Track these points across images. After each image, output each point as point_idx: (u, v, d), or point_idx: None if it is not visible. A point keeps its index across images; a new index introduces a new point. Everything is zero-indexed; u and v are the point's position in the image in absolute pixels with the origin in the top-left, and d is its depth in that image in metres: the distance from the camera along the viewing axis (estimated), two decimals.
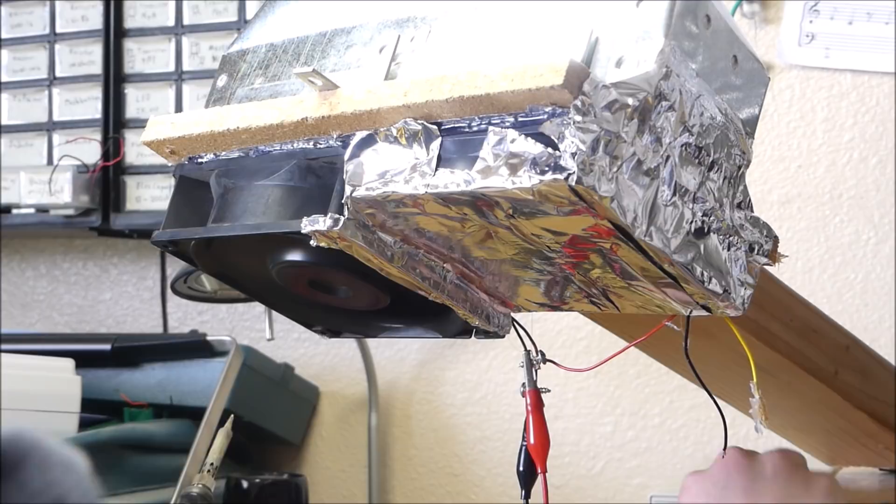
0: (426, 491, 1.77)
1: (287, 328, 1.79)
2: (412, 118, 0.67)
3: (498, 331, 0.80)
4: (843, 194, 1.59)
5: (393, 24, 0.73)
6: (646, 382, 1.68)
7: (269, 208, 0.74)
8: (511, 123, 0.64)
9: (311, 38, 0.77)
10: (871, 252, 1.58)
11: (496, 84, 0.64)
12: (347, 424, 1.83)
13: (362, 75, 0.72)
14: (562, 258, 0.70)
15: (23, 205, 1.74)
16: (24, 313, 1.98)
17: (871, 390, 1.01)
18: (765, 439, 1.44)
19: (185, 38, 1.74)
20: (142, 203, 1.74)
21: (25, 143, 1.81)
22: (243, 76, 0.80)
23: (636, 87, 0.63)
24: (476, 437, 1.77)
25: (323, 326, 0.86)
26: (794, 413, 1.06)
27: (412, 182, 0.66)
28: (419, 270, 0.73)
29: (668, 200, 0.66)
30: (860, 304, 1.58)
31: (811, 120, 1.60)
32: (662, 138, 0.66)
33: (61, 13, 1.80)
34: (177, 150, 0.78)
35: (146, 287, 1.91)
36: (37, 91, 1.81)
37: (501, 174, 0.63)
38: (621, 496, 1.68)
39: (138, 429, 1.44)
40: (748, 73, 0.72)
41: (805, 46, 1.56)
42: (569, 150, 0.61)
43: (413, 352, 1.81)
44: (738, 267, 0.72)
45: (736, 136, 0.71)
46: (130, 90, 1.76)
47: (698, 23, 0.67)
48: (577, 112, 0.61)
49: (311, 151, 0.72)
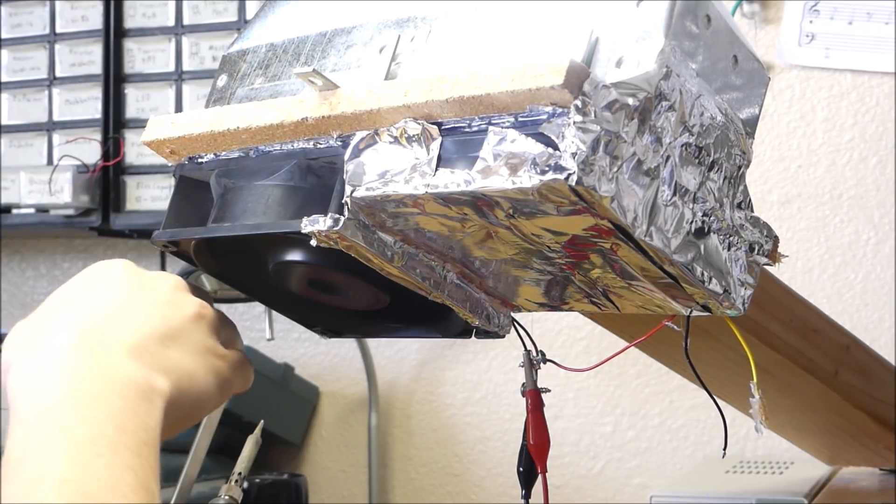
0: (426, 491, 1.77)
1: (287, 328, 1.78)
2: (412, 118, 0.67)
3: (498, 331, 0.80)
4: (843, 194, 1.59)
5: (393, 24, 0.73)
6: (646, 382, 1.68)
7: (269, 208, 0.74)
8: (511, 123, 0.64)
9: (311, 38, 0.77)
10: (871, 252, 1.58)
11: (496, 84, 0.64)
12: (347, 424, 1.83)
13: (362, 75, 0.72)
14: (562, 258, 0.70)
15: (23, 205, 1.74)
16: (24, 313, 1.97)
17: (871, 390, 1.01)
18: (765, 439, 1.44)
19: (185, 38, 1.74)
20: (142, 203, 1.74)
21: (25, 143, 1.81)
22: (243, 76, 0.80)
23: (636, 87, 0.63)
24: (476, 437, 1.77)
25: (323, 326, 0.86)
26: (794, 413, 1.06)
27: (412, 182, 0.66)
28: (419, 270, 0.73)
29: (668, 200, 0.66)
30: (860, 304, 1.58)
31: (811, 120, 1.60)
32: (663, 138, 0.66)
33: (61, 13, 1.80)
34: (177, 150, 0.78)
35: None
36: (37, 91, 1.81)
37: (501, 174, 0.63)
38: (621, 496, 1.68)
39: None
40: (748, 73, 0.72)
41: (805, 46, 1.57)
42: (569, 150, 0.61)
43: (413, 352, 1.81)
44: (738, 267, 0.72)
45: (736, 136, 0.71)
46: (130, 90, 1.76)
47: (698, 23, 0.67)
48: (578, 112, 0.61)
49: (311, 151, 0.72)
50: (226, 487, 0.99)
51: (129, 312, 0.69)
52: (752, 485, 1.26)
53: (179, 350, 0.70)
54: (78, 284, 0.72)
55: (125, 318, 0.69)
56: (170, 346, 0.69)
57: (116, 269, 0.72)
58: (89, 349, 0.65)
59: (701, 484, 1.30)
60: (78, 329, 0.67)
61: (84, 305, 0.69)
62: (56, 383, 0.63)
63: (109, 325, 0.68)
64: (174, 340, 0.70)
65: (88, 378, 0.64)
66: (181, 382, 0.68)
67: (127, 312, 0.69)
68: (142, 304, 0.70)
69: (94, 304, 0.69)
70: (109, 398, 0.63)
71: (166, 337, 0.69)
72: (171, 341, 0.69)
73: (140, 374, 0.65)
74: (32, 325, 0.69)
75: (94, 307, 0.69)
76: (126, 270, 0.72)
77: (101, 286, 0.71)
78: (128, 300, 0.70)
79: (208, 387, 0.71)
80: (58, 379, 0.63)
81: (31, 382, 0.64)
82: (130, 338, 0.67)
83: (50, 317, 0.69)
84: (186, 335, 0.71)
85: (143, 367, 0.66)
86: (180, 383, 0.68)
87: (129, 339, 0.67)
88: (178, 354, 0.69)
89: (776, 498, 1.17)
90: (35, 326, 0.69)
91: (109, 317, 0.68)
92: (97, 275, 0.72)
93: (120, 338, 0.67)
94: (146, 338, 0.68)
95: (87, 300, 0.70)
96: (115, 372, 0.65)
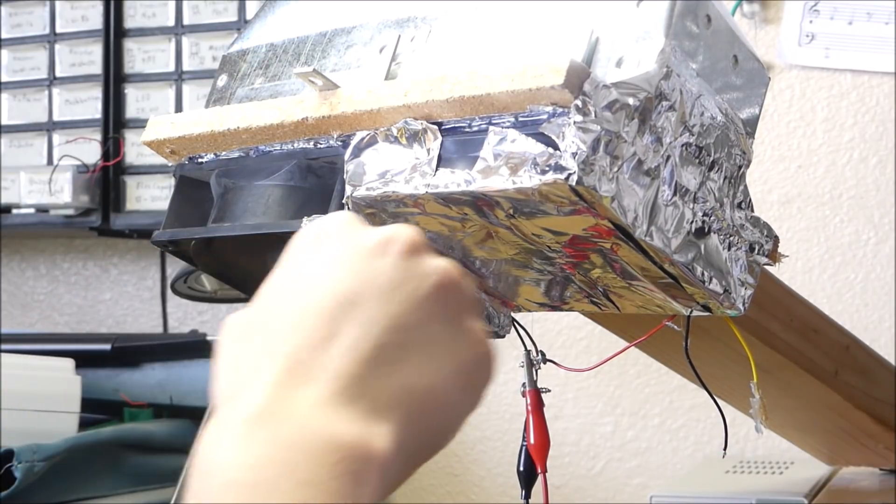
0: (426, 491, 1.76)
1: None
2: (412, 118, 0.67)
3: (498, 331, 0.80)
4: (843, 194, 1.58)
5: (393, 24, 0.73)
6: (646, 382, 1.68)
7: (269, 208, 0.74)
8: (511, 123, 0.64)
9: (311, 38, 0.77)
10: (871, 252, 1.58)
11: (496, 84, 0.64)
12: None
13: (362, 75, 0.72)
14: (562, 258, 0.70)
15: (23, 205, 1.74)
16: (24, 313, 1.98)
17: (871, 390, 1.01)
18: (765, 439, 1.44)
19: (185, 38, 1.74)
20: (142, 203, 1.74)
21: (25, 143, 1.80)
22: (243, 76, 0.80)
23: (637, 87, 0.63)
24: (476, 437, 1.77)
25: None
26: (794, 413, 1.06)
27: (412, 182, 0.66)
28: None
29: (668, 200, 0.66)
30: (860, 304, 1.58)
31: (811, 120, 1.60)
32: (663, 138, 0.66)
33: (61, 13, 1.80)
34: (177, 150, 0.78)
35: (146, 287, 1.91)
36: (37, 91, 1.81)
37: (502, 174, 0.63)
38: (621, 496, 1.68)
39: (138, 429, 1.44)
40: (748, 73, 0.72)
41: (805, 46, 1.56)
42: (569, 150, 0.61)
43: None
44: (738, 267, 0.72)
45: (736, 135, 0.71)
46: (130, 90, 1.76)
47: (699, 23, 0.67)
48: (578, 112, 0.61)
49: (311, 151, 0.72)
50: None
51: (344, 323, 0.50)
52: (752, 485, 1.26)
53: (410, 359, 0.51)
54: (300, 264, 0.54)
55: (336, 339, 0.50)
56: (398, 358, 0.50)
57: (334, 246, 0.53)
58: (284, 399, 0.48)
59: (701, 484, 1.30)
60: (280, 367, 0.49)
61: (291, 315, 0.51)
62: (236, 456, 0.46)
63: (317, 350, 0.50)
64: (403, 348, 0.51)
65: (278, 449, 0.46)
66: (410, 417, 0.50)
67: (342, 323, 0.50)
68: (364, 305, 0.51)
69: (302, 314, 0.51)
70: (303, 480, 0.46)
71: (394, 346, 0.50)
72: (400, 350, 0.51)
73: (352, 433, 0.47)
74: (244, 329, 0.53)
75: (300, 318, 0.51)
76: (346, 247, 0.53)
77: (317, 275, 0.52)
78: (344, 300, 0.51)
79: (451, 398, 0.52)
80: (238, 451, 0.47)
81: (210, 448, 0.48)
82: (343, 368, 0.49)
83: (258, 327, 0.52)
84: (422, 329, 0.51)
85: (358, 419, 0.48)
86: (409, 418, 0.50)
87: (341, 371, 0.49)
88: (408, 370, 0.51)
89: (776, 498, 1.17)
90: (244, 335, 0.52)
91: (317, 337, 0.50)
92: (318, 253, 0.53)
93: (328, 374, 0.49)
94: (366, 359, 0.50)
95: (295, 304, 0.52)
96: (315, 437, 0.47)
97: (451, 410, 0.52)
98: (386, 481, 0.48)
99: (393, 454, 0.48)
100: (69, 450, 1.26)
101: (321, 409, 0.48)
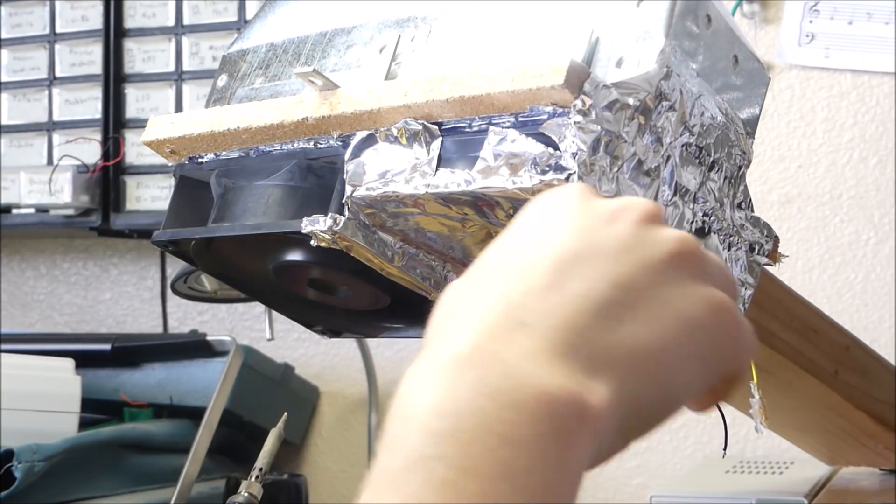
0: None
1: (287, 328, 1.78)
2: (413, 118, 0.67)
3: None
4: (843, 194, 1.58)
5: (393, 24, 0.73)
6: None
7: (269, 208, 0.74)
8: (511, 123, 0.64)
9: (311, 38, 0.77)
10: (871, 252, 1.58)
11: (496, 84, 0.64)
12: (347, 424, 1.83)
13: (363, 75, 0.72)
14: None
15: (23, 205, 1.74)
16: (24, 313, 1.98)
17: (871, 390, 1.01)
18: (765, 439, 1.44)
19: (185, 38, 1.74)
20: (142, 203, 1.74)
21: (25, 143, 1.81)
22: (243, 76, 0.80)
23: (637, 87, 0.63)
24: None
25: (323, 326, 0.86)
26: (794, 413, 1.06)
27: (413, 182, 0.66)
28: (419, 270, 0.73)
29: (668, 200, 0.66)
30: (860, 304, 1.58)
31: (811, 120, 1.60)
32: (663, 138, 0.66)
33: (61, 13, 1.80)
34: (177, 150, 0.78)
35: (146, 287, 1.91)
36: (37, 91, 1.81)
37: (502, 174, 0.63)
38: (621, 496, 1.68)
39: (138, 429, 1.44)
40: (749, 73, 0.72)
41: (805, 46, 1.56)
42: (569, 150, 0.61)
43: (413, 352, 1.79)
44: (738, 267, 0.72)
45: (736, 135, 0.71)
46: (130, 90, 1.76)
47: (699, 23, 0.67)
48: (578, 112, 0.62)
49: (311, 151, 0.72)
50: (245, 484, 0.95)
51: (570, 276, 0.47)
52: (752, 485, 1.26)
53: (636, 318, 0.47)
54: (529, 224, 0.51)
55: (560, 289, 0.47)
56: (622, 316, 0.47)
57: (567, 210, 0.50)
58: (497, 341, 0.45)
59: (701, 484, 1.30)
60: (496, 309, 0.46)
61: (515, 265, 0.48)
62: (437, 402, 0.44)
63: (538, 297, 0.46)
64: (629, 307, 0.47)
65: (483, 397, 0.43)
66: (631, 378, 0.46)
67: (567, 276, 0.47)
68: (592, 261, 0.48)
69: (527, 264, 0.48)
70: (506, 437, 0.42)
71: (619, 304, 0.47)
72: (625, 308, 0.47)
73: (566, 388, 0.44)
74: (465, 282, 0.50)
75: (524, 267, 0.48)
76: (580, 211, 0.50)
77: (546, 233, 0.49)
78: (572, 255, 0.48)
79: (677, 364, 0.48)
80: (439, 395, 0.44)
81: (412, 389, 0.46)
82: (563, 319, 0.46)
83: (480, 277, 0.49)
84: (652, 290, 0.48)
85: (573, 374, 0.44)
86: (629, 379, 0.46)
87: (561, 322, 0.46)
88: (632, 329, 0.47)
89: (776, 498, 1.17)
90: (464, 285, 0.50)
91: (540, 285, 0.47)
92: (549, 215, 0.50)
93: (547, 323, 0.46)
94: (589, 311, 0.46)
95: (520, 257, 0.48)
96: (524, 389, 0.43)
97: (677, 376, 0.48)
98: (596, 448, 0.45)
99: (608, 417, 0.45)
100: (69, 450, 1.26)
101: (534, 359, 0.44)
